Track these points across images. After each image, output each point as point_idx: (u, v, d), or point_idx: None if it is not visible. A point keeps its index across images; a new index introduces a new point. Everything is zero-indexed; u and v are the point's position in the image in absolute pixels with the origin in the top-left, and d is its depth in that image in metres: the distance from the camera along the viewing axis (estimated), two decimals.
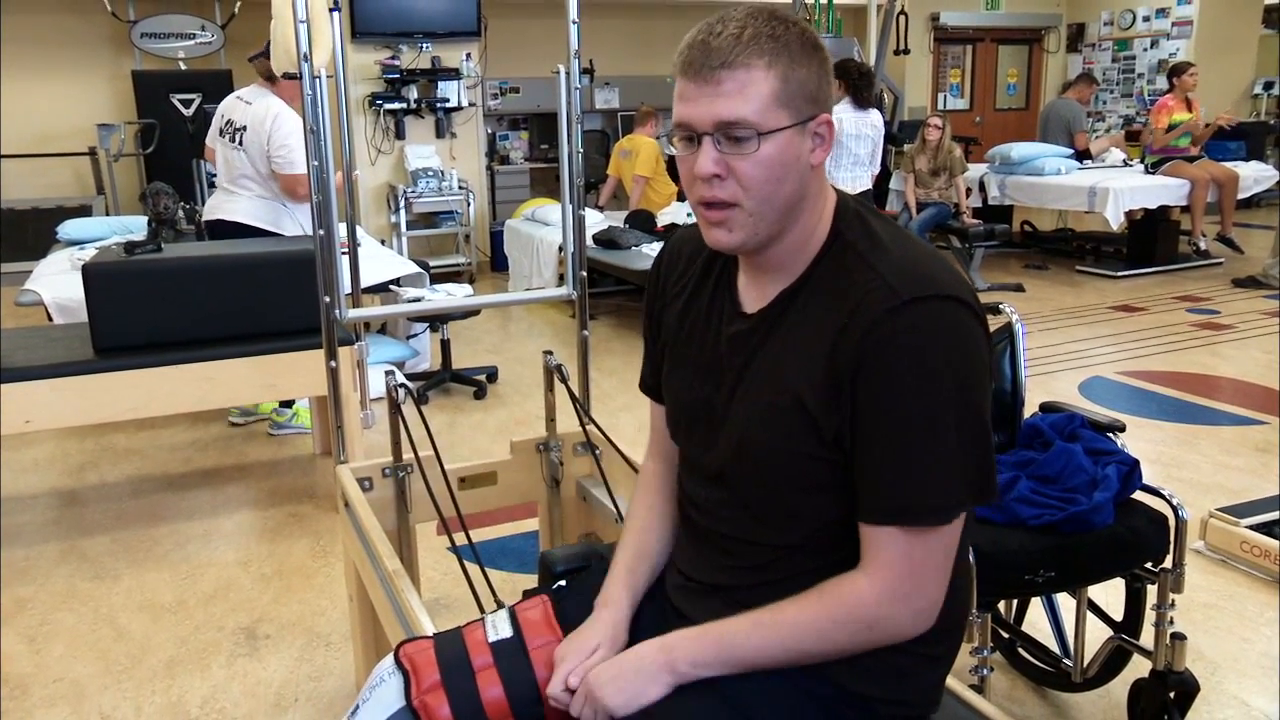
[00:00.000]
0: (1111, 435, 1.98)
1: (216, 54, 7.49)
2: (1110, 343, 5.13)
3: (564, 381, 2.07)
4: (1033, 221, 8.20)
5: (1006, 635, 2.25)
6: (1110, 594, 2.13)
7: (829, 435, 1.05)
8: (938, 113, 9.59)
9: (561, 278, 5.69)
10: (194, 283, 3.05)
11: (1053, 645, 2.19)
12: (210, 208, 3.96)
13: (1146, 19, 9.78)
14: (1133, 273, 6.88)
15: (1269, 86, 10.20)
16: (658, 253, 1.33)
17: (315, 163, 2.36)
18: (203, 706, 2.20)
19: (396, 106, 7.06)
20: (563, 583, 1.33)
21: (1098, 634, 2.07)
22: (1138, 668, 2.02)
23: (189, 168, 6.36)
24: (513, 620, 1.27)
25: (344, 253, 2.95)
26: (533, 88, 8.43)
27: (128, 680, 2.31)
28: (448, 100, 7.19)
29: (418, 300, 4.14)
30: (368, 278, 4.05)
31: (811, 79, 1.06)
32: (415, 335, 4.81)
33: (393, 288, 4.30)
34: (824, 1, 8.01)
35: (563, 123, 2.60)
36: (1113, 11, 10.11)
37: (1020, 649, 2.24)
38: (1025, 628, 2.30)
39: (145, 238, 3.68)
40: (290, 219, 3.85)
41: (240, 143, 3.75)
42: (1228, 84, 9.71)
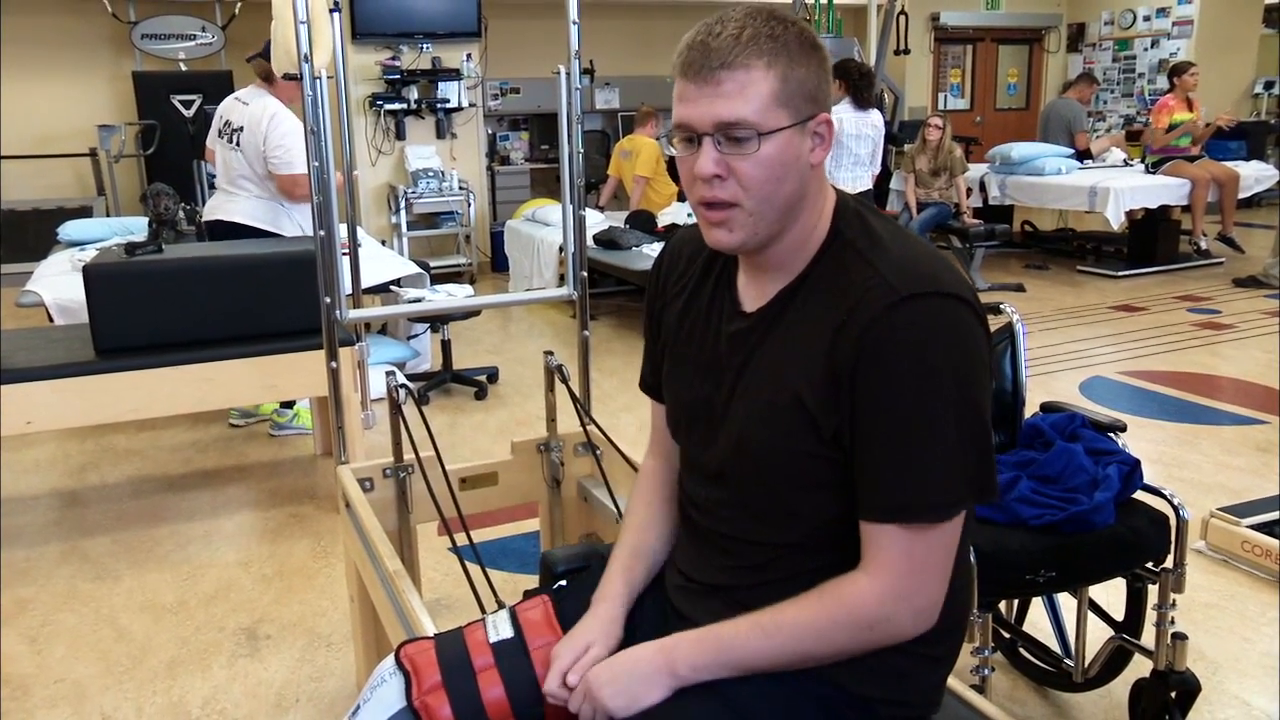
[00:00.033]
0: (1112, 435, 1.98)
1: (217, 55, 7.50)
2: (1111, 342, 5.13)
3: (565, 382, 2.07)
4: (1033, 221, 8.20)
5: (1007, 635, 2.25)
6: (1111, 594, 2.13)
7: (828, 433, 1.05)
8: (938, 113, 9.59)
9: (562, 278, 5.69)
10: (195, 284, 3.05)
11: (1054, 645, 2.19)
12: (209, 208, 3.97)
13: (1147, 19, 9.78)
14: (1133, 272, 6.88)
15: (1269, 86, 10.20)
16: (658, 253, 1.33)
17: (316, 163, 2.37)
18: (204, 707, 2.21)
19: (397, 107, 7.06)
20: (563, 583, 1.33)
21: (1099, 634, 2.07)
22: (1139, 668, 2.02)
23: (190, 169, 6.36)
24: (513, 620, 1.27)
25: (344, 253, 2.94)
26: (533, 88, 8.44)
27: (129, 681, 2.31)
28: (448, 101, 7.19)
29: (418, 301, 4.14)
30: (368, 278, 4.05)
31: (811, 78, 1.06)
32: (416, 336, 4.81)
33: (393, 288, 4.31)
34: (824, 1, 8.01)
35: (563, 123, 2.60)
36: (1113, 11, 10.11)
37: (1021, 649, 2.24)
38: (1026, 628, 2.30)
39: (146, 239, 3.69)
40: (289, 219, 3.85)
41: (237, 143, 3.75)
42: (1228, 84, 9.71)
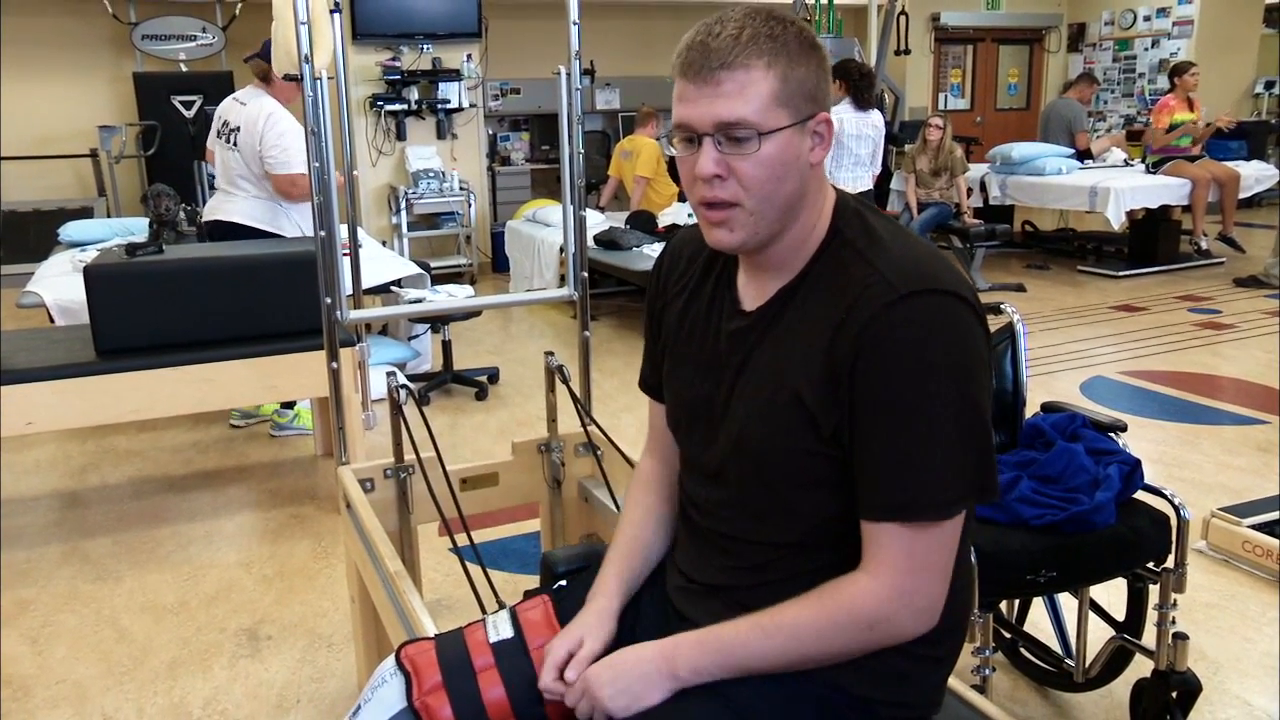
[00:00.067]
0: (1113, 435, 1.98)
1: (217, 56, 7.50)
2: (1112, 342, 5.13)
3: (565, 382, 2.07)
4: (1034, 221, 8.20)
5: (1008, 635, 2.25)
6: (1112, 594, 2.13)
7: (827, 431, 1.05)
8: (939, 113, 9.59)
9: (563, 278, 5.69)
10: (195, 284, 3.05)
11: (1055, 645, 2.19)
12: (209, 209, 3.97)
13: (1147, 18, 9.78)
14: (1134, 272, 6.88)
15: (1270, 86, 10.20)
16: (659, 253, 1.33)
17: (316, 164, 2.37)
18: (205, 708, 2.21)
19: (397, 108, 7.06)
20: (563, 583, 1.33)
21: (1100, 634, 2.07)
22: (1140, 668, 2.02)
23: (190, 169, 6.36)
24: (514, 621, 1.27)
25: (345, 254, 2.94)
26: (533, 89, 8.44)
27: (130, 682, 2.31)
28: (448, 101, 7.19)
29: (419, 301, 4.15)
30: (369, 279, 4.05)
31: (810, 78, 1.06)
32: (416, 336, 4.81)
33: (394, 289, 4.31)
34: (824, 2, 8.01)
35: (563, 124, 2.60)
36: (1113, 11, 10.10)
37: (1022, 649, 2.23)
38: (1027, 628, 2.30)
39: (147, 239, 3.69)
40: (288, 219, 3.84)
41: (235, 144, 3.75)
42: (1229, 83, 9.71)
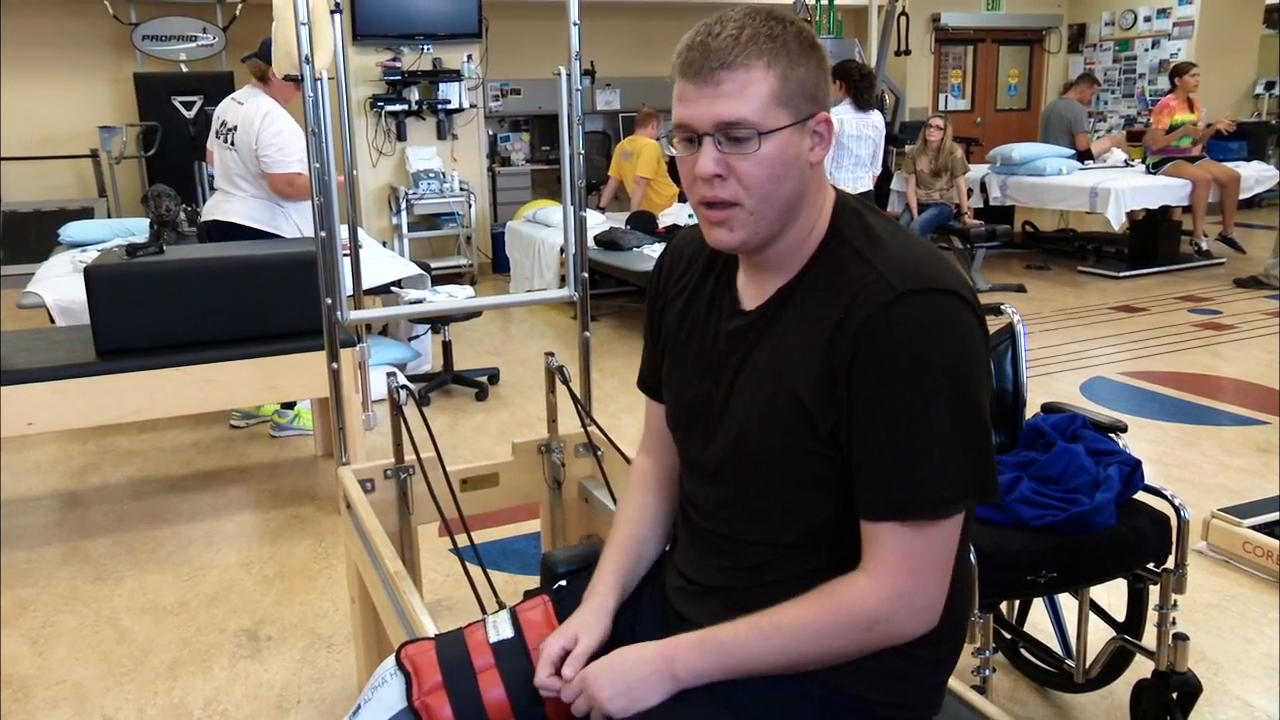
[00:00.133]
0: (1113, 436, 1.98)
1: (218, 56, 7.50)
2: (1112, 343, 5.13)
3: (565, 383, 2.07)
4: (1034, 222, 8.20)
5: (1009, 636, 2.25)
6: (1112, 595, 2.13)
7: (825, 430, 1.05)
8: (939, 113, 9.59)
9: (563, 279, 5.69)
10: (196, 285, 3.05)
11: (1055, 646, 2.19)
12: (207, 209, 3.97)
13: (1148, 19, 9.78)
14: (1134, 273, 6.88)
15: (1270, 86, 10.20)
16: (660, 253, 1.33)
17: (317, 165, 2.37)
18: (205, 708, 2.21)
19: (398, 108, 7.06)
20: (563, 583, 1.33)
21: (1100, 635, 2.07)
22: (1140, 668, 2.02)
23: (191, 170, 6.36)
24: (514, 621, 1.27)
25: (345, 254, 2.94)
26: (534, 89, 8.44)
27: (130, 682, 2.31)
28: (449, 102, 7.20)
29: (419, 302, 4.15)
30: (369, 279, 4.05)
31: (810, 78, 1.06)
32: (417, 337, 4.81)
33: (394, 289, 4.31)
34: (825, 2, 8.01)
35: (564, 124, 2.60)
36: (1114, 12, 10.10)
37: (1022, 650, 2.23)
38: (1027, 628, 2.30)
39: (147, 240, 3.68)
40: (286, 219, 3.84)
41: (232, 143, 3.75)
42: (1229, 84, 9.71)
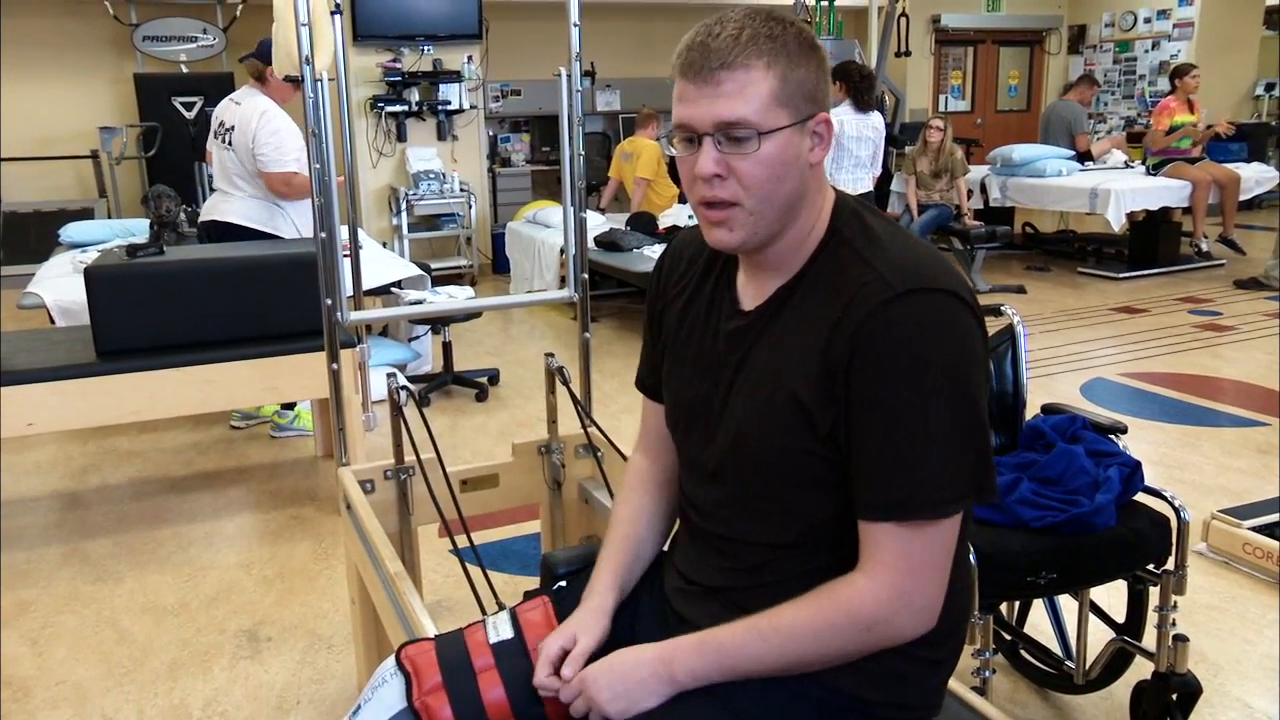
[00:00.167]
0: (1113, 437, 1.98)
1: (218, 57, 7.50)
2: (1112, 344, 5.13)
3: (565, 384, 2.07)
4: (1034, 223, 8.20)
5: (1008, 637, 2.25)
6: (1112, 596, 2.13)
7: (823, 430, 1.05)
8: (939, 115, 9.59)
9: (563, 280, 5.69)
10: (196, 285, 3.05)
11: (1055, 647, 2.19)
12: (205, 209, 3.96)
13: (1148, 20, 9.78)
14: (1134, 274, 6.88)
15: (1270, 88, 10.20)
16: (660, 254, 1.33)
17: (317, 166, 2.37)
18: (205, 709, 2.21)
19: (398, 109, 7.06)
20: (563, 584, 1.33)
21: (1100, 636, 2.07)
22: (1140, 670, 2.02)
23: (191, 170, 6.37)
24: (514, 621, 1.27)
25: (345, 255, 2.94)
26: (534, 90, 8.44)
27: (130, 683, 2.31)
28: (449, 103, 7.20)
29: (419, 303, 4.15)
30: (369, 280, 4.05)
31: (810, 78, 1.06)
32: (417, 338, 4.81)
33: (394, 290, 4.31)
34: (825, 3, 8.01)
35: (564, 125, 2.60)
36: (1114, 13, 10.11)
37: (1022, 651, 2.23)
38: (1027, 629, 2.30)
39: (147, 240, 3.68)
40: (285, 219, 3.83)
41: (230, 143, 3.74)
42: (1229, 85, 9.71)
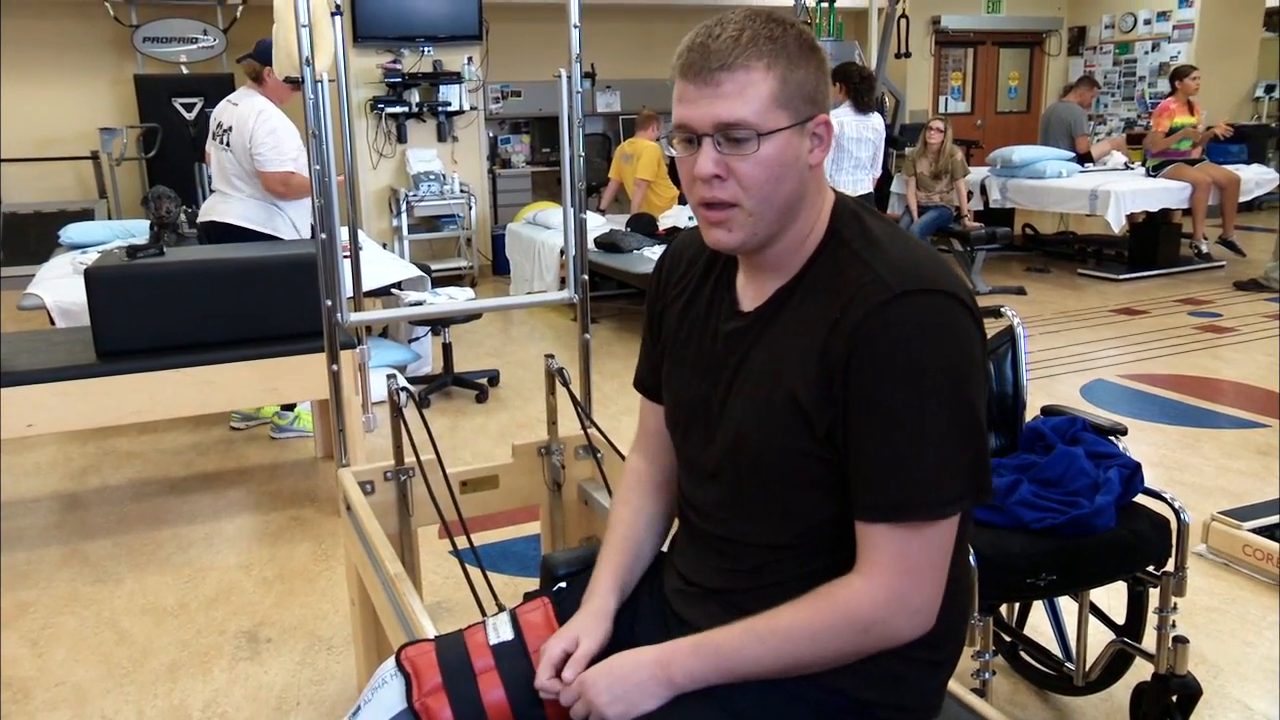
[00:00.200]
0: (1113, 438, 1.98)
1: (218, 58, 7.51)
2: (1112, 346, 5.13)
3: (565, 385, 2.08)
4: (1034, 224, 8.20)
5: (1008, 639, 2.25)
6: (1112, 597, 2.13)
7: (821, 431, 1.05)
8: (939, 116, 9.60)
9: (563, 281, 5.69)
10: (196, 286, 3.05)
11: (1055, 649, 2.19)
12: (204, 210, 3.96)
13: (1147, 22, 9.79)
14: (1134, 276, 6.88)
15: (1270, 90, 10.20)
16: (660, 255, 1.34)
17: (317, 167, 2.37)
18: (204, 710, 2.20)
19: (398, 110, 7.07)
20: (563, 585, 1.33)
21: (1100, 637, 2.07)
22: (1140, 671, 2.02)
23: (191, 171, 6.37)
24: (514, 623, 1.27)
25: (345, 256, 2.95)
26: (534, 91, 8.45)
27: (130, 684, 2.31)
28: (449, 104, 7.20)
29: (419, 304, 4.15)
30: (369, 281, 4.05)
31: (809, 80, 1.06)
32: (417, 339, 4.81)
33: (394, 291, 4.31)
34: (825, 5, 8.02)
35: (564, 126, 2.60)
36: (1114, 15, 10.12)
37: (1022, 652, 2.23)
38: (1027, 631, 2.30)
39: (147, 241, 3.69)
40: (284, 220, 3.83)
41: (228, 144, 3.74)
42: (1229, 87, 9.72)
